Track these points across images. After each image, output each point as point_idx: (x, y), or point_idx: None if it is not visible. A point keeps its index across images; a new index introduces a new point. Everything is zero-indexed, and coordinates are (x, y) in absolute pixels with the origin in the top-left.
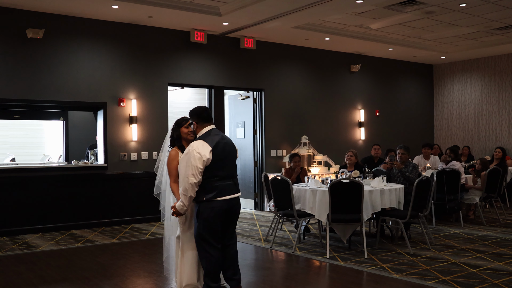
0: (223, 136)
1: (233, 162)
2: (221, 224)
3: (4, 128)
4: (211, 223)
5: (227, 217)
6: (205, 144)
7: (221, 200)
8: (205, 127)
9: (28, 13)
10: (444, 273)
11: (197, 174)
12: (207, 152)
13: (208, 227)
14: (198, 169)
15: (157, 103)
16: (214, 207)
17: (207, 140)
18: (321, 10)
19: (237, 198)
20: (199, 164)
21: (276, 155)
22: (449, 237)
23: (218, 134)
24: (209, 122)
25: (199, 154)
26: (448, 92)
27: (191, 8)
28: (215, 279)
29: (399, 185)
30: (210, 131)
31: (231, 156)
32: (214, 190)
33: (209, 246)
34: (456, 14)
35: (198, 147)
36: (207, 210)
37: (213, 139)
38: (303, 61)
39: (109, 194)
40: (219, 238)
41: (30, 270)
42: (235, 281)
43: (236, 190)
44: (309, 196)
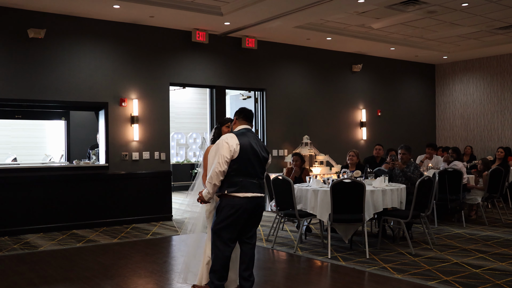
0: (256, 137)
1: (261, 164)
2: (240, 222)
3: (6, 128)
4: (229, 219)
5: (248, 215)
6: (234, 137)
7: (242, 197)
8: (241, 125)
9: (30, 13)
10: (446, 273)
11: (223, 163)
12: (235, 143)
13: (225, 223)
14: (225, 157)
15: (158, 103)
16: (236, 204)
17: (237, 135)
18: (322, 9)
19: (260, 198)
20: (226, 154)
21: (277, 155)
22: (451, 237)
23: (251, 134)
24: (247, 122)
25: (227, 144)
26: (450, 92)
27: (193, 8)
28: (220, 277)
29: (401, 185)
30: (244, 130)
31: (259, 158)
32: (237, 185)
33: (222, 242)
34: (458, 13)
35: (228, 138)
36: (228, 207)
37: (243, 136)
38: (305, 61)
39: (110, 194)
40: (234, 237)
41: (31, 270)
42: (250, 282)
43: (260, 189)
44: (310, 196)
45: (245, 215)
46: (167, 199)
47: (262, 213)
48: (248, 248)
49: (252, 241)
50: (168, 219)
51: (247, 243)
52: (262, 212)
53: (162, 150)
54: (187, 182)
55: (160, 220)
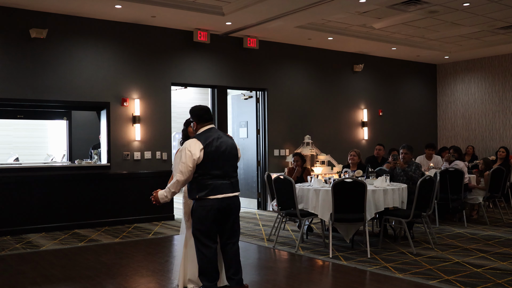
0: (220, 135)
1: (231, 162)
2: (215, 223)
3: (8, 128)
4: (204, 221)
5: (221, 216)
6: (197, 143)
7: (213, 198)
8: (204, 127)
9: (32, 13)
10: (448, 272)
11: (185, 172)
12: (198, 150)
13: (201, 226)
14: (188, 167)
15: (160, 103)
16: (206, 206)
17: (200, 138)
18: (324, 9)
19: (233, 198)
20: (189, 163)
21: (279, 155)
22: (452, 237)
23: (215, 133)
24: (208, 122)
25: (190, 152)
26: (451, 91)
27: (194, 8)
28: (209, 278)
29: (402, 185)
30: (207, 130)
31: (227, 156)
32: (207, 188)
33: (202, 244)
34: (459, 13)
35: (190, 145)
36: (200, 209)
37: (206, 138)
38: (306, 61)
39: (112, 193)
40: (213, 237)
41: (33, 269)
42: (234, 280)
43: (233, 189)
44: (312, 196)
45: (218, 215)
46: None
47: (237, 212)
48: (228, 248)
49: (232, 240)
50: (169, 218)
51: (230, 241)
52: (237, 211)
53: (164, 150)
54: None
55: (161, 219)
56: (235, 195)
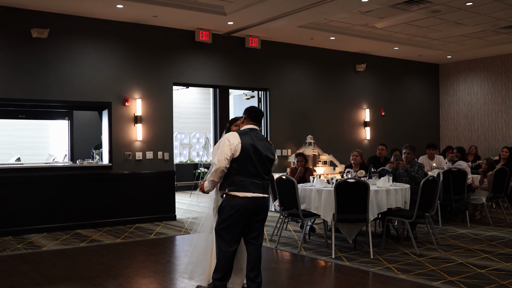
0: (260, 138)
1: (265, 165)
2: (241, 224)
3: (10, 128)
4: (229, 220)
5: (249, 216)
6: (236, 136)
7: (242, 197)
8: (248, 125)
9: (33, 12)
10: (451, 273)
11: (223, 159)
12: (236, 141)
13: (225, 224)
14: (225, 154)
15: (162, 103)
16: (235, 205)
17: (240, 134)
18: (326, 9)
19: (262, 198)
20: (227, 151)
21: (281, 155)
22: (455, 238)
23: (256, 133)
24: (254, 122)
25: (228, 142)
26: (454, 91)
27: (196, 8)
28: (222, 277)
29: (405, 185)
30: (249, 129)
31: (263, 157)
32: (237, 184)
33: (223, 242)
34: (462, 12)
35: (230, 136)
36: (228, 207)
37: (246, 135)
38: (308, 61)
39: (114, 193)
40: (237, 237)
41: (34, 269)
42: (256, 283)
43: (263, 190)
44: (314, 196)
45: (245, 215)
46: (171, 199)
47: (265, 213)
48: (253, 249)
49: (258, 242)
50: (171, 219)
51: (252, 243)
52: (265, 212)
53: (166, 150)
54: (190, 182)
55: (163, 220)
56: (264, 196)
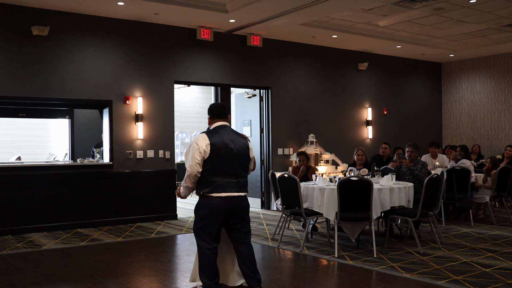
0: (231, 134)
1: (240, 161)
2: (217, 222)
3: (10, 127)
4: (205, 219)
5: (225, 216)
6: (205, 138)
7: (216, 197)
8: (215, 123)
9: (33, 10)
10: (456, 272)
11: (194, 165)
12: (204, 144)
13: (202, 223)
14: (195, 159)
15: (163, 101)
16: (209, 204)
17: (209, 134)
18: (328, 6)
19: (238, 197)
20: (196, 155)
21: (283, 154)
22: (459, 236)
23: (225, 130)
24: (221, 118)
25: (196, 145)
26: (456, 90)
27: (198, 5)
28: (209, 275)
29: (409, 183)
30: (218, 127)
31: (236, 154)
32: (211, 185)
33: (201, 241)
34: (465, 10)
35: (198, 139)
36: (203, 206)
37: (215, 134)
38: (310, 59)
39: (114, 192)
40: (214, 236)
41: (35, 268)
42: (255, 280)
43: (239, 189)
44: (317, 195)
45: (220, 214)
46: (172, 198)
47: (245, 212)
48: (243, 248)
49: (246, 241)
50: (172, 218)
51: (241, 242)
52: (244, 211)
53: (167, 149)
54: None
55: (164, 219)
56: (240, 195)
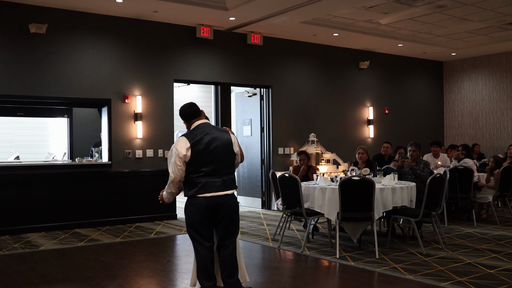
0: (211, 130)
1: (223, 158)
2: (205, 222)
3: (8, 126)
4: (193, 220)
5: (211, 214)
6: (185, 141)
7: (202, 197)
8: (192, 124)
9: (31, 7)
10: (459, 273)
11: (175, 171)
12: (184, 149)
13: (191, 224)
14: (177, 165)
15: (162, 100)
16: (195, 204)
17: (188, 136)
18: (329, 4)
19: (225, 196)
20: (177, 161)
21: (283, 153)
22: (462, 237)
23: (204, 129)
24: (196, 118)
25: (177, 151)
26: (458, 89)
27: (197, 2)
28: (207, 277)
29: (411, 183)
30: (196, 127)
31: (219, 152)
32: (196, 186)
33: (196, 242)
34: (468, 8)
35: (177, 143)
36: (190, 207)
37: (195, 135)
38: (311, 58)
39: (113, 192)
40: (206, 235)
41: (31, 269)
42: (228, 284)
43: (225, 187)
44: (318, 194)
45: (207, 213)
46: None
47: (232, 211)
48: (223, 250)
49: (228, 241)
50: (172, 218)
51: (223, 245)
52: (231, 210)
53: (166, 148)
54: None
55: (164, 219)
56: (226, 193)
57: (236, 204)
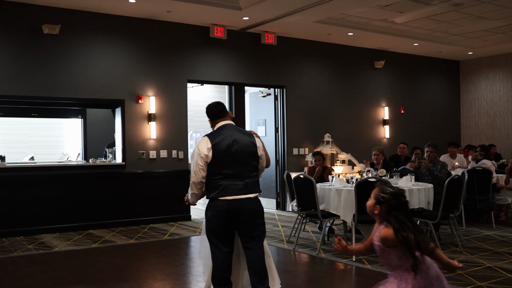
0: (235, 132)
1: (245, 161)
2: (225, 226)
3: (23, 127)
4: (213, 223)
5: (232, 218)
6: (207, 141)
7: (222, 200)
8: (217, 124)
9: (44, 8)
10: (480, 278)
11: (198, 171)
12: (205, 148)
13: (211, 227)
14: (198, 166)
15: (176, 100)
16: (216, 207)
17: (210, 136)
18: (344, 3)
19: (246, 200)
20: (199, 161)
21: (298, 154)
22: (481, 240)
23: (228, 130)
24: (221, 118)
25: (198, 150)
26: (475, 89)
27: (210, 2)
28: (221, 283)
29: (428, 185)
30: (220, 127)
31: (241, 154)
32: (217, 189)
33: (213, 246)
34: (485, 6)
35: (199, 144)
36: (210, 209)
37: (217, 136)
38: (326, 57)
39: (127, 193)
40: (224, 240)
41: (43, 271)
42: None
43: (246, 190)
44: (333, 196)
45: (227, 217)
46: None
47: (254, 215)
48: (251, 253)
49: (253, 245)
50: (186, 219)
51: (248, 248)
52: (253, 214)
53: (180, 149)
54: None
55: (178, 220)
56: (248, 197)
57: (259, 207)
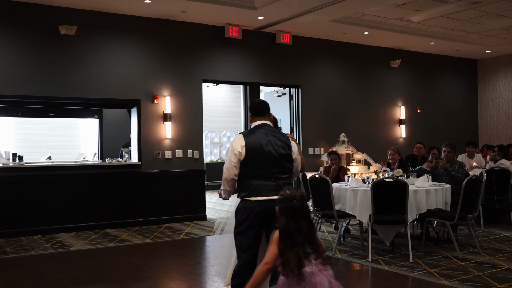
0: (270, 133)
1: (279, 164)
2: (254, 227)
3: (41, 127)
4: (242, 224)
5: (262, 220)
6: (241, 139)
7: (253, 200)
8: (255, 121)
9: (61, 9)
10: (499, 280)
11: (231, 168)
12: (239, 146)
13: (240, 228)
14: (231, 162)
15: (191, 100)
16: (246, 208)
17: (245, 135)
18: (359, 2)
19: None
20: (232, 158)
21: (313, 154)
22: (499, 241)
23: (263, 130)
24: (261, 117)
25: (232, 147)
26: (493, 88)
27: (225, 2)
28: (238, 284)
29: (446, 185)
30: (257, 126)
31: (273, 155)
32: (248, 189)
33: (239, 248)
34: (503, 3)
35: (234, 140)
36: (241, 210)
37: (252, 135)
38: (341, 57)
39: (143, 192)
40: (251, 242)
41: (61, 270)
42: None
43: (278, 192)
44: (349, 196)
45: (258, 218)
46: (201, 198)
47: None
48: None
49: None
50: (201, 218)
51: None
52: None
53: (196, 149)
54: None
55: (193, 220)
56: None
57: None
